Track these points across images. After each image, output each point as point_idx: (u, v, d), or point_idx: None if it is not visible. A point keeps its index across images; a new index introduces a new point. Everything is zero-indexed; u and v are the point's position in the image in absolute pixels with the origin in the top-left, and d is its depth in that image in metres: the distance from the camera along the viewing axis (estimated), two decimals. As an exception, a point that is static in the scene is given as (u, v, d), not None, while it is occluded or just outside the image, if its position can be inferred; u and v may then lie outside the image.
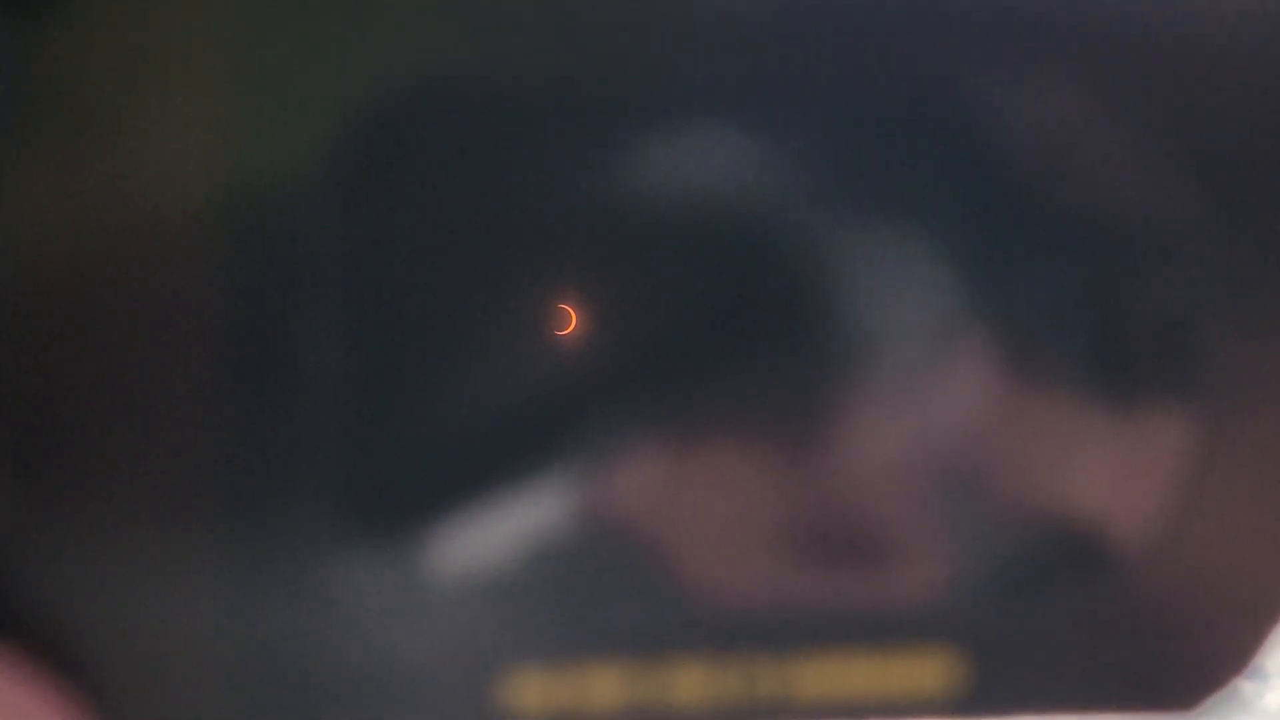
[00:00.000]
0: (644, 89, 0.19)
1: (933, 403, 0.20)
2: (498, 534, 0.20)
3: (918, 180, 0.20)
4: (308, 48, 0.19)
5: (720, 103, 0.19)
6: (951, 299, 0.20)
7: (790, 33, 0.19)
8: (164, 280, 0.19)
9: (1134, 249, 0.20)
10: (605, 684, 0.20)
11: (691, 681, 0.20)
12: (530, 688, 0.20)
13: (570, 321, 0.20)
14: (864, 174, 0.20)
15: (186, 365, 0.19)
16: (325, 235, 0.19)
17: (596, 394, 0.20)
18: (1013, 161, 0.20)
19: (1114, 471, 0.20)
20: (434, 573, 0.19)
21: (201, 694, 0.19)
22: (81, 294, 0.19)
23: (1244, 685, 0.20)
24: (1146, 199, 0.20)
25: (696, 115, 0.19)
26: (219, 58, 0.19)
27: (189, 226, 0.19)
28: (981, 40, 0.19)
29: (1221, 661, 0.20)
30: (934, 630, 0.20)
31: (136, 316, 0.19)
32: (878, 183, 0.20)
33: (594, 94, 0.19)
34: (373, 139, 0.19)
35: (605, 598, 0.20)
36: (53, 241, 0.19)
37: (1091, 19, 0.19)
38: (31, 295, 0.19)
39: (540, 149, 0.19)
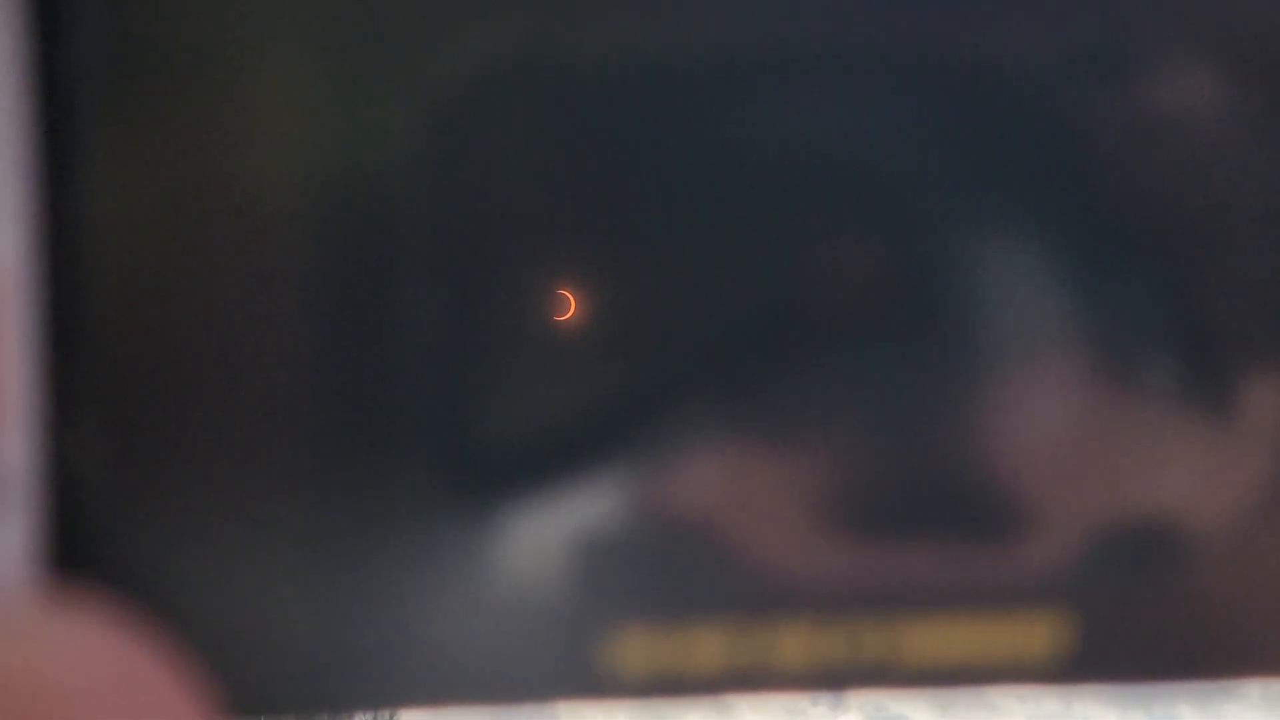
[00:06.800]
0: (733, 67, 0.19)
1: (1044, 379, 0.20)
2: (600, 498, 0.19)
3: (1023, 166, 0.19)
4: (402, 27, 0.19)
5: (821, 76, 0.19)
6: (1072, 285, 0.20)
7: (893, 8, 0.19)
8: (265, 254, 0.19)
9: (1231, 248, 0.20)
10: (709, 646, 0.19)
11: (796, 644, 0.19)
12: (634, 649, 0.19)
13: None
14: (957, 156, 0.19)
15: (287, 339, 0.19)
16: (423, 210, 0.19)
17: (697, 360, 0.19)
18: (1120, 154, 0.20)
19: (1216, 450, 0.20)
20: (538, 537, 0.19)
21: (299, 650, 0.19)
22: (184, 270, 0.19)
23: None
24: (1249, 194, 0.20)
25: (788, 91, 0.19)
26: (315, 35, 0.19)
27: (287, 201, 0.19)
28: (1094, 31, 0.19)
29: None
30: (1040, 596, 0.20)
31: (236, 294, 0.19)
32: (972, 166, 0.19)
33: (684, 71, 0.19)
34: (467, 116, 0.19)
35: (709, 560, 0.19)
36: (156, 215, 0.19)
37: (1225, 10, 0.19)
38: (136, 272, 0.18)
39: (636, 125, 0.19)
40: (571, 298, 0.19)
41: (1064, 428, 0.20)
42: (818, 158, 0.19)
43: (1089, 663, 0.20)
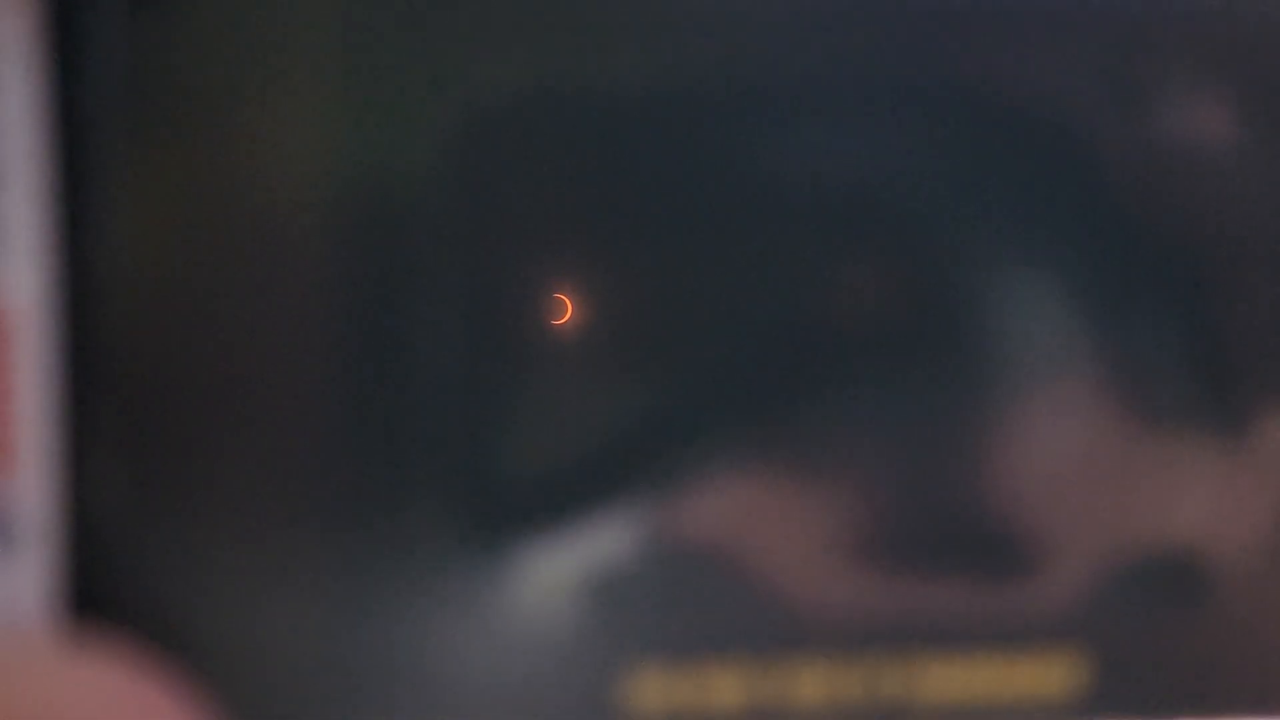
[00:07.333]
0: (751, 92, 0.19)
1: (1062, 415, 0.20)
2: (616, 534, 0.19)
3: (1040, 194, 0.19)
4: (422, 46, 0.19)
5: (836, 101, 0.19)
6: (1093, 320, 0.19)
7: (901, 35, 0.19)
8: (284, 289, 0.19)
9: (1249, 277, 0.20)
10: (726, 684, 0.19)
11: (813, 682, 0.19)
12: (651, 688, 0.19)
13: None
14: (975, 183, 0.19)
15: (307, 376, 0.19)
16: (441, 237, 0.19)
17: (714, 393, 0.19)
18: (1137, 182, 0.19)
19: (1234, 485, 0.20)
20: (552, 572, 0.19)
21: (318, 691, 0.19)
22: (201, 306, 0.18)
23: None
24: (1266, 221, 0.20)
25: (804, 117, 0.19)
26: (335, 53, 0.19)
27: (305, 222, 0.19)
28: (1109, 49, 0.19)
29: None
30: (1057, 634, 0.20)
31: (255, 331, 0.19)
32: (990, 193, 0.19)
33: (700, 97, 0.19)
34: (486, 136, 0.19)
35: (727, 598, 0.19)
36: (173, 250, 0.18)
37: (1242, 37, 0.19)
38: (154, 307, 0.18)
39: (653, 147, 0.19)
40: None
41: (1082, 464, 0.20)
42: (837, 184, 0.19)
43: (1107, 700, 0.20)
